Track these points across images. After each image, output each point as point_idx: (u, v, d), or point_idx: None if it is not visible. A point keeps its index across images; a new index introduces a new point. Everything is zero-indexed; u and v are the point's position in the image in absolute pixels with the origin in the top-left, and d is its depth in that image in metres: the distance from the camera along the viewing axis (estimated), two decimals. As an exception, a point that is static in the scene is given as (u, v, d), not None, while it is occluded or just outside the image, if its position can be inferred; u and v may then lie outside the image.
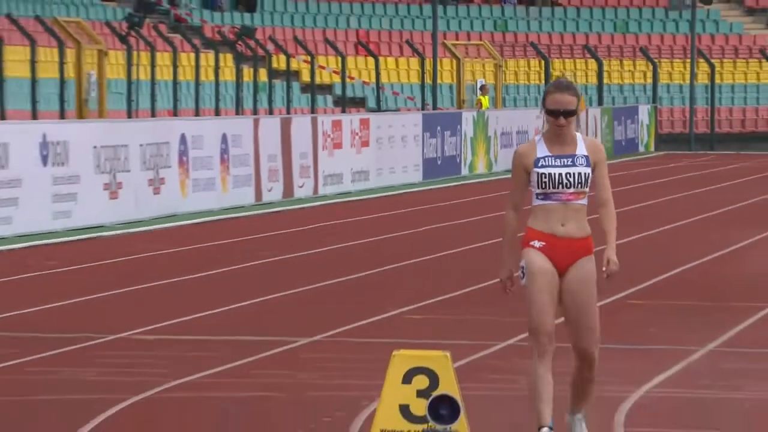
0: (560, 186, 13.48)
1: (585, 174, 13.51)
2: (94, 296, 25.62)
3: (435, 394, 14.29)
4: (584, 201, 13.54)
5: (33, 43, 42.13)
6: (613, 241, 13.61)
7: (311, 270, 29.32)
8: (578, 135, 13.69)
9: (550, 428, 13.61)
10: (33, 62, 41.51)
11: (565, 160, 13.49)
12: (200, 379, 18.19)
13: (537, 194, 13.54)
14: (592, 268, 13.55)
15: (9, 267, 29.55)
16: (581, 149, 13.57)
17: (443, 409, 14.03)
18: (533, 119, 60.52)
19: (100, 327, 21.34)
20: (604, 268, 13.54)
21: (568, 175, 13.48)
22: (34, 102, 41.31)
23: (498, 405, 15.71)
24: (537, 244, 13.52)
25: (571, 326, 13.63)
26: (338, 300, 25.42)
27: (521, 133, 59.08)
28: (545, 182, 13.47)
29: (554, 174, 13.47)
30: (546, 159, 13.49)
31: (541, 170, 13.47)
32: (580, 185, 13.48)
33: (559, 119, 13.51)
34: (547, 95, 13.73)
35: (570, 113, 13.56)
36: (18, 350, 17.32)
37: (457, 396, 14.07)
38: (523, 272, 13.56)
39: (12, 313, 22.72)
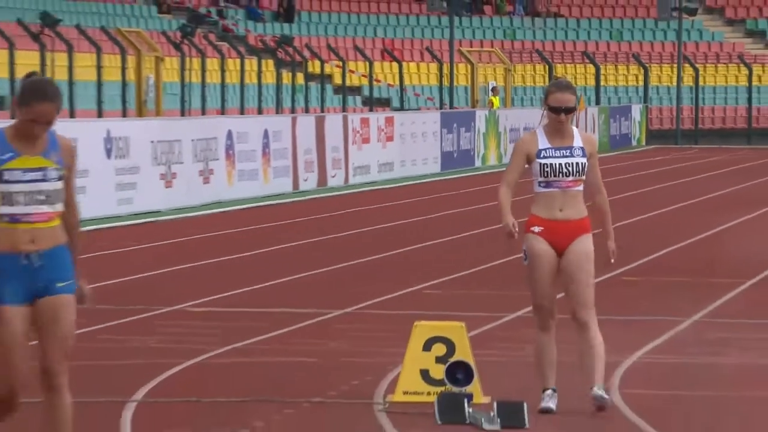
0: (560, 174, 13.55)
1: (582, 164, 13.58)
2: (153, 273, 25.61)
3: (451, 360, 14.33)
4: (580, 188, 13.62)
5: (99, 51, 42.03)
6: (610, 229, 13.80)
7: (342, 251, 29.28)
8: (574, 129, 13.77)
9: (554, 390, 13.69)
10: (99, 67, 41.41)
11: (564, 152, 13.57)
12: (244, 346, 18.19)
13: (539, 182, 13.60)
14: (589, 244, 13.65)
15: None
16: (578, 141, 13.65)
17: (459, 373, 14.06)
18: (539, 117, 60.23)
19: (159, 300, 21.31)
20: (612, 261, 13.67)
21: (567, 165, 13.55)
22: (99, 102, 41.22)
23: (507, 370, 15.69)
24: (536, 229, 13.60)
25: (570, 296, 13.69)
26: (366, 277, 25.41)
27: (528, 129, 58.76)
28: (547, 171, 13.54)
29: (555, 164, 13.55)
30: (547, 150, 13.56)
31: (543, 161, 13.55)
32: (577, 174, 13.56)
33: (561, 116, 13.63)
34: (549, 94, 13.85)
35: (570, 110, 13.70)
36: (88, 320, 17.31)
37: (471, 362, 14.12)
38: (525, 255, 13.66)
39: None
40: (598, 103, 64.93)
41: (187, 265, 27.01)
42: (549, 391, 13.59)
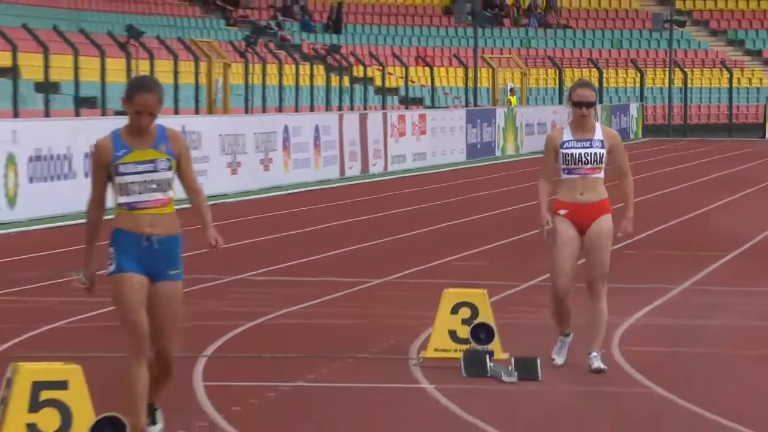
0: (579, 163, 13.71)
1: (600, 154, 13.72)
2: (222, 247, 25.55)
3: (475, 322, 14.30)
4: (600, 174, 13.81)
5: (176, 58, 42.09)
6: (631, 205, 14.03)
7: (382, 228, 29.27)
8: (597, 124, 13.92)
9: (568, 334, 13.74)
10: (175, 72, 41.45)
11: (584, 143, 13.74)
12: (299, 309, 18.23)
13: (563, 169, 13.77)
14: (608, 223, 13.80)
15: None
16: (598, 135, 13.80)
17: (482, 333, 14.04)
18: (550, 114, 60.35)
19: (227, 270, 21.29)
20: (620, 234, 13.68)
21: (586, 155, 13.69)
22: (176, 102, 41.27)
23: (523, 331, 15.75)
24: (562, 212, 13.78)
25: (589, 268, 13.83)
26: (403, 250, 25.39)
27: (541, 124, 58.86)
28: (568, 160, 13.70)
29: (575, 153, 13.69)
30: (569, 142, 13.74)
31: (565, 151, 13.71)
32: (596, 162, 13.71)
33: (582, 109, 13.77)
34: (573, 91, 14.05)
35: (590, 104, 13.86)
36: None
37: (492, 323, 14.10)
38: (552, 228, 13.75)
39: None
40: (600, 102, 64.68)
41: (251, 240, 27.03)
42: (562, 337, 13.97)
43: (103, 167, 9.68)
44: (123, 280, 9.60)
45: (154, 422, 10.07)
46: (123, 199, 9.59)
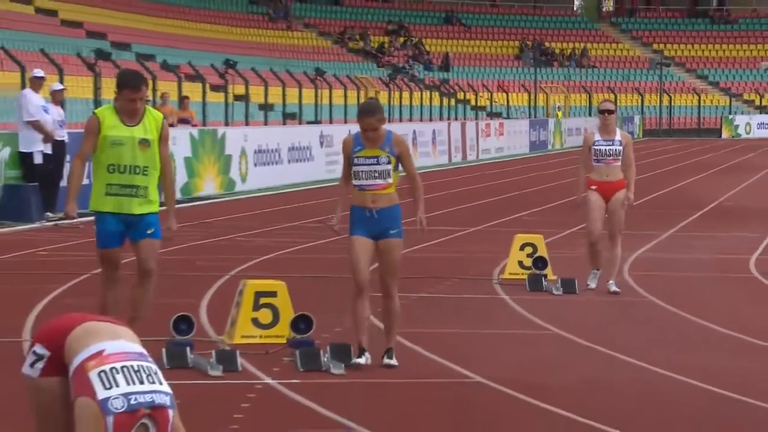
0: (605, 155, 13.66)
1: (618, 149, 13.82)
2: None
3: (535, 255, 14.20)
4: (618, 163, 13.76)
5: (345, 88, 41.95)
6: (633, 185, 13.83)
7: (474, 195, 29.15)
8: (618, 130, 13.91)
9: (598, 269, 13.68)
10: (345, 96, 41.33)
11: (608, 142, 13.79)
12: (424, 247, 17.99)
13: (594, 159, 13.78)
14: (626, 197, 13.66)
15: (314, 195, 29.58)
16: (618, 136, 13.92)
17: (540, 263, 13.90)
18: (582, 123, 59.70)
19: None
20: (626, 203, 13.63)
21: (609, 150, 13.77)
22: (345, 116, 41.25)
23: (567, 262, 15.39)
24: (593, 187, 13.86)
25: (610, 224, 13.75)
26: (488, 209, 25.22)
27: (577, 129, 58.29)
28: (598, 153, 13.81)
29: (602, 149, 13.76)
30: (598, 141, 13.79)
31: (595, 147, 13.83)
32: (615, 155, 13.68)
33: (605, 115, 13.81)
34: (600, 104, 14.25)
35: (611, 112, 13.88)
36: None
37: (546, 256, 14.01)
38: (586, 199, 13.74)
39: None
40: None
41: (407, 200, 26.93)
42: (594, 271, 13.76)
43: (346, 157, 9.56)
44: (352, 240, 9.47)
45: (362, 354, 9.43)
46: (355, 182, 9.49)
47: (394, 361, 9.45)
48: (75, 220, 20.50)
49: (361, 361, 9.35)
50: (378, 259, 9.71)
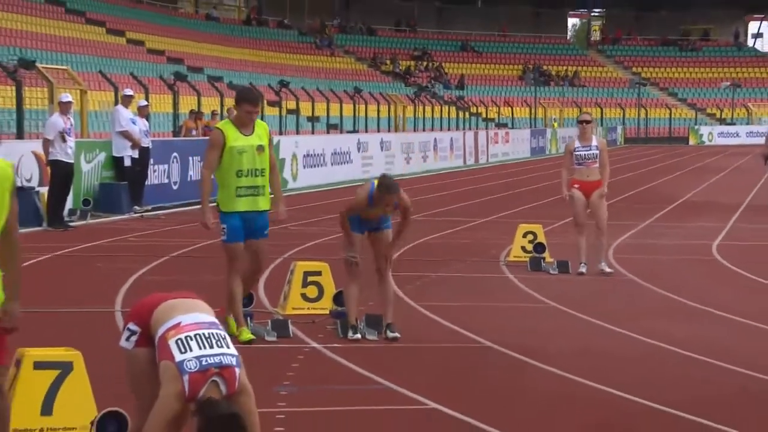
0: (584, 159, 13.47)
1: (595, 154, 13.54)
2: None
3: (536, 242, 14.09)
4: (596, 165, 13.56)
5: (378, 104, 41.88)
6: (606, 183, 13.54)
7: (485, 191, 29.05)
8: (594, 136, 13.68)
9: (585, 263, 13.39)
10: (378, 111, 41.23)
11: (587, 147, 13.60)
12: (442, 234, 17.97)
13: (576, 163, 13.59)
14: (603, 191, 13.44)
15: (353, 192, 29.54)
16: (594, 142, 13.65)
17: (539, 249, 13.77)
18: (574, 132, 59.30)
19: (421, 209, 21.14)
20: (602, 195, 13.51)
21: (587, 155, 13.48)
22: (379, 125, 41.15)
23: (561, 247, 15.19)
24: (576, 186, 13.57)
25: (594, 215, 13.57)
26: (496, 203, 25.11)
27: (570, 137, 58.06)
28: (578, 158, 13.54)
29: (582, 154, 13.56)
30: (578, 147, 13.62)
31: (576, 152, 13.57)
32: (594, 158, 13.49)
33: (583, 125, 13.55)
34: (579, 115, 14.07)
35: (588, 122, 13.51)
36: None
37: (544, 242, 13.85)
38: (570, 196, 13.45)
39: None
40: (602, 125, 64.01)
41: (429, 195, 26.86)
42: (581, 265, 13.45)
43: (359, 207, 9.16)
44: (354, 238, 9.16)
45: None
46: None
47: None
48: (158, 213, 20.65)
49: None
50: (372, 243, 9.33)
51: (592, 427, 6.80)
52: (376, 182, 9.12)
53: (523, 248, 14.36)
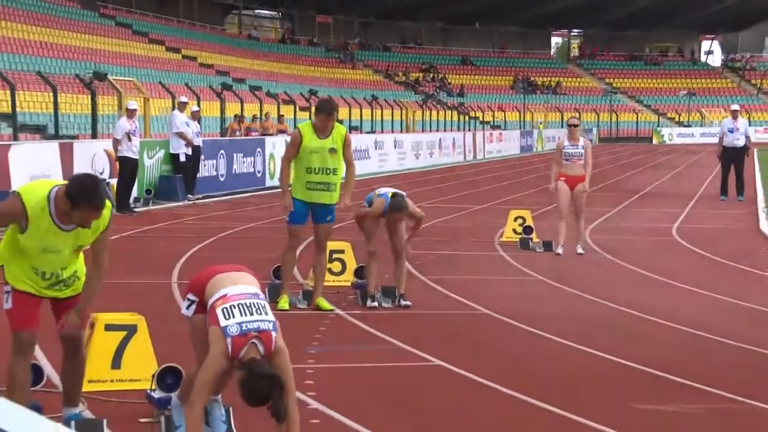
0: (571, 156, 13.31)
1: (581, 152, 13.35)
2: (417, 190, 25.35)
3: (525, 225, 13.98)
4: (581, 161, 13.33)
5: (392, 109, 41.67)
6: (588, 178, 13.34)
7: (481, 182, 28.93)
8: (581, 137, 13.50)
9: (562, 245, 13.27)
10: (392, 114, 40.95)
11: (574, 147, 13.34)
12: (446, 218, 17.86)
13: (564, 159, 13.36)
14: (585, 186, 13.24)
15: (370, 182, 29.46)
16: (581, 143, 13.44)
17: (526, 230, 13.68)
18: (556, 133, 59.01)
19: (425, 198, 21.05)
20: (584, 190, 13.34)
21: (574, 153, 13.31)
22: (402, 127, 40.88)
23: (547, 229, 15.08)
24: (562, 179, 13.37)
25: (574, 204, 13.39)
26: (491, 192, 24.95)
27: (553, 137, 57.66)
28: (566, 155, 13.33)
29: (570, 151, 13.34)
30: (567, 146, 13.35)
31: (565, 150, 13.35)
32: (579, 156, 13.29)
33: (572, 128, 13.37)
34: (569, 120, 13.73)
35: (576, 125, 13.33)
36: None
37: (532, 225, 13.76)
38: (555, 187, 13.33)
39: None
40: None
41: (428, 187, 26.74)
42: (560, 245, 13.32)
43: (376, 215, 9.11)
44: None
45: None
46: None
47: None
48: (207, 200, 20.67)
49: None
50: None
51: (567, 376, 6.78)
52: (390, 195, 9.04)
53: (514, 230, 14.30)
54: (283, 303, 8.86)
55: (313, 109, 10.84)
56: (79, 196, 4.65)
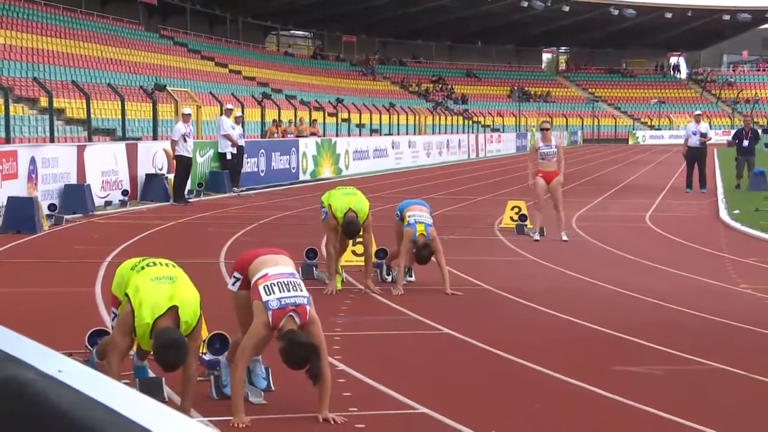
0: (546, 155, 13.07)
1: (554, 151, 13.04)
2: (421, 185, 25.22)
3: (521, 213, 13.86)
4: (555, 159, 12.99)
5: (406, 115, 41.38)
6: (562, 173, 13.04)
7: (482, 177, 28.75)
8: (552, 138, 13.21)
9: (540, 232, 12.98)
10: (404, 118, 40.61)
11: (548, 147, 13.03)
12: (452, 207, 17.72)
13: (540, 158, 13.06)
14: (560, 179, 12.97)
15: (388, 177, 29.25)
16: (554, 143, 13.12)
17: (521, 218, 13.55)
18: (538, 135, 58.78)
19: (436, 190, 20.89)
20: (559, 182, 13.07)
21: (548, 152, 13.06)
22: (412, 130, 40.64)
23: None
24: (540, 174, 13.13)
25: (552, 197, 13.13)
26: (491, 186, 24.77)
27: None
28: (541, 154, 13.10)
29: (544, 152, 13.07)
30: (541, 147, 13.05)
31: (540, 151, 13.11)
32: (552, 155, 13.02)
33: (544, 131, 13.02)
34: (541, 124, 13.27)
35: (547, 129, 12.93)
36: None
37: (526, 213, 13.61)
38: (534, 183, 13.16)
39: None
40: (567, 130, 63.24)
41: (431, 183, 26.62)
42: (537, 232, 13.03)
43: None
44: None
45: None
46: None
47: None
48: (250, 192, 20.76)
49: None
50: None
51: (556, 343, 6.75)
52: (418, 231, 8.64)
53: (511, 218, 14.23)
54: (338, 284, 8.77)
55: (339, 116, 10.62)
56: (157, 352, 4.35)
